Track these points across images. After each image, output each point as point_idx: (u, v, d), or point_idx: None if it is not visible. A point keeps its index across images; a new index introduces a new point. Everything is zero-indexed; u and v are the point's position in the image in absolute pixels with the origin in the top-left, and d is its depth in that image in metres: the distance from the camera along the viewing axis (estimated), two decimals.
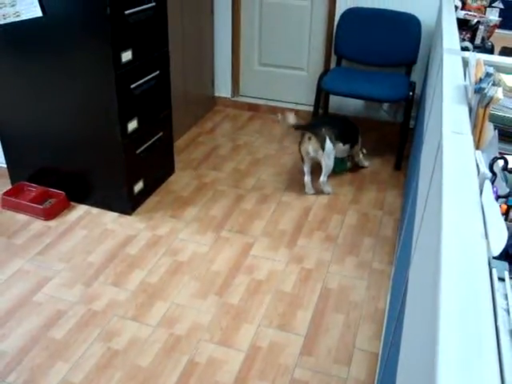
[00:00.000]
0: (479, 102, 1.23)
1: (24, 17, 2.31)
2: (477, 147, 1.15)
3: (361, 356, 1.94)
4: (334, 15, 3.54)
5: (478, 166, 0.98)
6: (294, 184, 3.05)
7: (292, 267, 2.39)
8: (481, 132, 1.22)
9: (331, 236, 2.62)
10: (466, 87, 1.39)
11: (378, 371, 1.84)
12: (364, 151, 3.24)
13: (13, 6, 2.28)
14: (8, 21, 2.34)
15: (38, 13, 2.29)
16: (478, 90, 1.24)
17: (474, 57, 1.45)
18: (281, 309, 2.15)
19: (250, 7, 3.79)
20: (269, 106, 4.02)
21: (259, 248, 2.51)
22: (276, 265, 2.40)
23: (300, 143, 2.89)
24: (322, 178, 2.90)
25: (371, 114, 3.76)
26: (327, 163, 2.85)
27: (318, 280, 2.32)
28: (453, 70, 1.56)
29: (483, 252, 0.73)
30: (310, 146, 2.83)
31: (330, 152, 2.83)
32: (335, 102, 3.73)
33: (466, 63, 1.67)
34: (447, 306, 0.62)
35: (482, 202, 0.85)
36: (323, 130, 2.81)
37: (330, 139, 2.81)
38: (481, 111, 1.22)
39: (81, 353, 1.92)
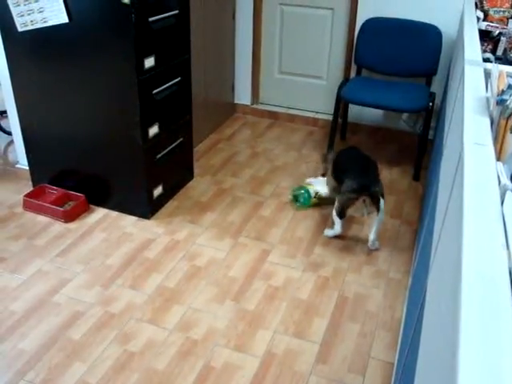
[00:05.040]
0: (501, 114, 1.23)
1: (51, 23, 2.36)
2: (498, 159, 1.15)
3: (376, 365, 1.94)
4: (354, 25, 3.55)
5: (499, 177, 0.98)
6: None
7: (308, 275, 2.39)
8: (502, 144, 1.22)
9: (348, 245, 2.62)
10: (487, 99, 1.39)
11: (393, 381, 1.84)
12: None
13: (40, 12, 2.33)
14: (36, 26, 2.39)
15: (65, 19, 2.33)
16: (500, 102, 1.24)
17: (496, 68, 1.45)
18: (297, 316, 2.16)
19: (271, 16, 3.82)
20: (288, 114, 4.03)
21: (276, 255, 2.52)
22: (293, 272, 2.41)
23: (348, 205, 2.51)
24: (374, 236, 2.55)
25: (390, 124, 3.76)
26: (381, 219, 2.54)
27: (335, 288, 2.32)
28: (474, 82, 1.56)
29: (504, 263, 0.73)
30: (365, 209, 2.53)
31: (383, 208, 2.53)
32: (354, 111, 3.73)
33: (487, 75, 1.67)
34: (468, 318, 0.63)
35: (503, 213, 0.85)
36: (376, 188, 2.49)
37: (382, 196, 2.51)
38: (502, 123, 1.22)
39: (98, 354, 1.94)
